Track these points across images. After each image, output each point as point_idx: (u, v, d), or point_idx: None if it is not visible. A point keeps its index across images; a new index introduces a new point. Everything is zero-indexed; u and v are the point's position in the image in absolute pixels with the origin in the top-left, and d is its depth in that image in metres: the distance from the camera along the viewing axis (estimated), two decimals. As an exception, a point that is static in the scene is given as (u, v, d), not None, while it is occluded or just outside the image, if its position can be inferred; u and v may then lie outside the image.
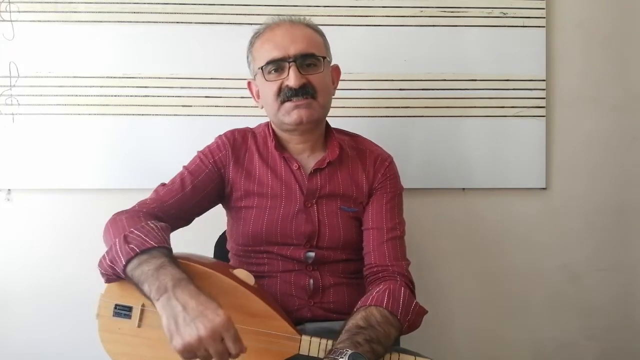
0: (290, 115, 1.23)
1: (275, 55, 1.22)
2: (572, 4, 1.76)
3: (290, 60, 1.21)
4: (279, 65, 1.22)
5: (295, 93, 1.21)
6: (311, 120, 1.24)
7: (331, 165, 1.31)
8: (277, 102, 1.23)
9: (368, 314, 1.10)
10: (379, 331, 1.07)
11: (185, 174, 1.29)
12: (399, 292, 1.16)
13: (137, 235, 1.06)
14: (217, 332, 0.93)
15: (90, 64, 1.67)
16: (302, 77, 1.21)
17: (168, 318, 0.95)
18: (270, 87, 1.23)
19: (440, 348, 1.74)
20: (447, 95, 1.73)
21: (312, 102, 1.23)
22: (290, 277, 1.28)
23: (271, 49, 1.23)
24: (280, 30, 1.25)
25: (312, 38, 1.26)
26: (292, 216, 1.28)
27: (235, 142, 1.33)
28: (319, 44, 1.28)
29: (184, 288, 0.97)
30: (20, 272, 1.71)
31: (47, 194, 1.70)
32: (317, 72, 1.24)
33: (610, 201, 1.82)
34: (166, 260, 1.03)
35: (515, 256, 1.81)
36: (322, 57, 1.26)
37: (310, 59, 1.24)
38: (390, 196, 1.33)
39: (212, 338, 0.93)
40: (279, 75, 1.23)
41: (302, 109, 1.22)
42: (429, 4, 1.72)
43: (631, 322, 1.84)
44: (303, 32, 1.25)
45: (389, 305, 1.13)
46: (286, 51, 1.21)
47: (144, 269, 1.01)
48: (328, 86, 1.29)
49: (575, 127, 1.79)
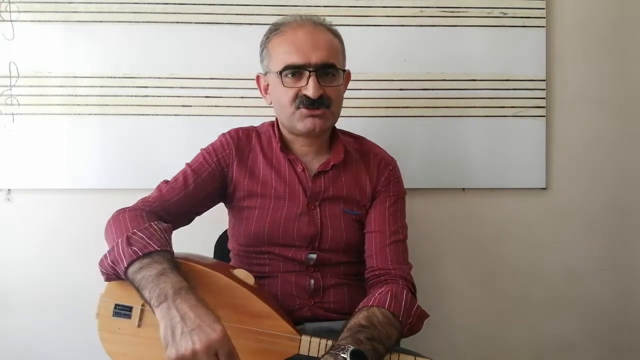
0: (304, 122, 1.22)
1: (296, 61, 1.19)
2: (572, 4, 1.76)
3: (311, 70, 1.19)
4: (298, 71, 1.20)
5: (312, 103, 1.20)
6: (323, 130, 1.25)
7: (335, 167, 1.30)
8: (293, 107, 1.22)
9: (370, 314, 1.10)
10: (380, 331, 1.07)
11: (188, 172, 1.28)
12: (401, 295, 1.16)
13: (140, 237, 1.06)
14: (212, 348, 0.92)
15: (90, 64, 1.67)
16: (321, 89, 1.20)
17: (165, 327, 0.95)
18: (287, 92, 1.21)
19: (440, 348, 1.74)
20: (447, 95, 1.72)
21: (326, 112, 1.22)
22: (291, 278, 1.28)
23: (291, 52, 1.20)
24: (303, 33, 1.21)
25: (333, 46, 1.24)
26: (294, 218, 1.27)
27: (239, 141, 1.32)
28: (339, 53, 1.26)
29: (184, 297, 0.96)
30: (20, 272, 1.71)
31: (47, 194, 1.70)
32: (334, 85, 1.23)
33: (610, 201, 1.82)
34: (167, 267, 1.01)
35: (515, 256, 1.81)
36: (342, 70, 1.26)
37: (330, 69, 1.22)
38: (393, 200, 1.32)
39: (207, 353, 0.92)
40: (296, 80, 1.21)
41: (317, 119, 1.22)
42: (429, 4, 1.72)
43: (631, 323, 1.84)
44: (325, 38, 1.23)
45: (391, 307, 1.12)
46: (307, 58, 1.19)
47: (145, 273, 1.01)
48: (342, 96, 1.29)
49: (575, 127, 1.79)
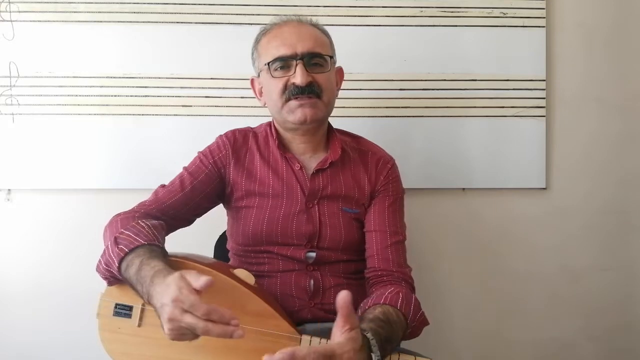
0: (294, 113, 1.23)
1: (283, 53, 1.22)
2: (572, 4, 1.76)
3: (298, 58, 1.21)
4: (285, 62, 1.22)
5: (301, 91, 1.21)
6: (315, 120, 1.25)
7: (333, 166, 1.31)
8: (282, 99, 1.23)
9: (385, 310, 1.09)
10: (394, 330, 1.07)
11: (185, 175, 1.29)
12: (410, 298, 1.17)
13: (127, 236, 1.06)
14: (176, 308, 0.89)
15: (90, 64, 1.67)
16: (309, 76, 1.21)
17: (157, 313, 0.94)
18: (276, 84, 1.23)
19: (440, 348, 1.74)
20: (447, 95, 1.73)
21: (317, 101, 1.23)
22: (291, 278, 1.28)
23: (278, 45, 1.23)
24: (288, 28, 1.25)
25: (319, 37, 1.27)
26: (293, 216, 1.27)
27: (235, 142, 1.32)
28: (326, 44, 1.28)
29: (156, 283, 0.95)
30: (20, 272, 1.71)
31: (47, 194, 1.70)
32: (323, 72, 1.24)
33: (610, 201, 1.82)
34: (144, 258, 1.00)
35: (515, 256, 1.81)
36: (329, 57, 1.27)
37: (317, 58, 1.24)
38: (392, 199, 1.32)
39: (176, 317, 0.89)
40: (285, 72, 1.23)
41: (307, 108, 1.22)
42: (429, 4, 1.72)
43: (631, 323, 1.84)
44: (310, 32, 1.26)
45: (402, 307, 1.12)
46: (294, 49, 1.21)
47: (130, 272, 1.01)
48: (333, 86, 1.29)
49: (575, 127, 1.79)
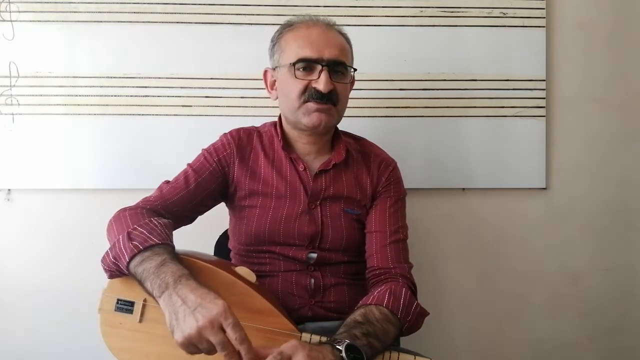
0: (310, 116, 1.24)
1: (310, 55, 1.22)
2: (572, 4, 1.77)
3: (324, 64, 1.22)
4: (309, 65, 1.23)
5: (321, 97, 1.22)
6: (327, 126, 1.27)
7: (336, 167, 1.32)
8: (300, 100, 1.24)
9: (367, 311, 1.11)
10: (376, 327, 1.08)
11: (189, 172, 1.29)
12: (400, 292, 1.17)
13: (141, 232, 1.07)
14: (215, 321, 0.92)
15: (90, 64, 1.67)
16: (332, 84, 1.22)
17: (170, 314, 0.95)
18: (296, 84, 1.23)
19: (440, 348, 1.74)
20: (447, 95, 1.73)
21: (332, 108, 1.25)
22: (292, 277, 1.28)
23: (305, 46, 1.23)
24: (317, 31, 1.25)
25: (344, 46, 1.28)
26: (295, 217, 1.28)
27: (240, 141, 1.33)
28: (349, 54, 1.30)
29: (184, 283, 0.97)
30: (20, 272, 1.70)
31: (47, 194, 1.69)
32: (343, 81, 1.26)
33: (610, 201, 1.82)
34: (168, 257, 1.03)
35: (515, 256, 1.80)
36: (352, 69, 1.29)
37: (341, 67, 1.25)
38: (393, 200, 1.33)
39: (211, 327, 0.92)
40: (307, 74, 1.23)
41: (323, 114, 1.24)
42: (429, 4, 1.72)
43: (631, 323, 1.84)
44: (338, 39, 1.27)
45: (389, 304, 1.13)
46: (321, 53, 1.22)
47: (146, 266, 1.02)
48: (348, 97, 1.31)
49: (576, 127, 1.79)
